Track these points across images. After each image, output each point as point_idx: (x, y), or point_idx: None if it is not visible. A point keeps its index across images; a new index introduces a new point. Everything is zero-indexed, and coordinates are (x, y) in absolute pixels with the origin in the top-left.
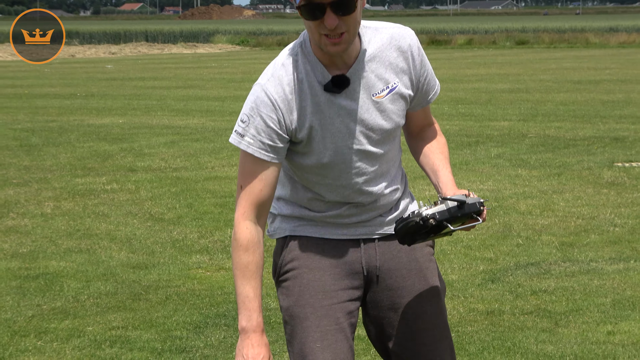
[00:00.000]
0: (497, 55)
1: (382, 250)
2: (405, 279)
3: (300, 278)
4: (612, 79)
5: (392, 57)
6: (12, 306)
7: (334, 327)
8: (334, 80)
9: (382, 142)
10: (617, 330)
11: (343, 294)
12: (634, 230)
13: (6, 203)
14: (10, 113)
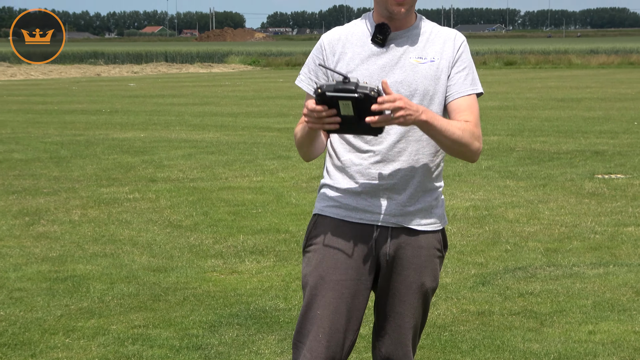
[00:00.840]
0: (487, 75)
1: (394, 239)
2: (404, 269)
3: (319, 252)
4: (592, 97)
5: (441, 42)
6: (43, 306)
7: (337, 300)
8: (377, 27)
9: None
10: (597, 329)
11: (353, 272)
12: (613, 237)
13: (37, 211)
14: (41, 127)
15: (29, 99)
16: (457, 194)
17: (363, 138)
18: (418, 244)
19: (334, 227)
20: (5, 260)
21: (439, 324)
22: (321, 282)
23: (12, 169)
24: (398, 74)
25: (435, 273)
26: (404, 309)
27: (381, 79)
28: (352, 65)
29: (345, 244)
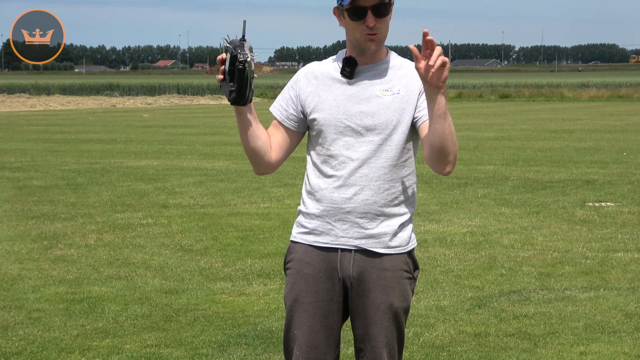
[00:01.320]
0: (483, 107)
1: (357, 263)
2: (371, 291)
3: (293, 277)
4: (583, 129)
5: (408, 76)
6: (60, 326)
7: (311, 320)
8: (345, 60)
9: (375, 131)
10: (588, 350)
11: (324, 294)
12: (603, 262)
13: (55, 235)
14: (59, 156)
15: (47, 128)
16: (454, 221)
17: (329, 163)
18: (382, 266)
19: (304, 253)
20: (24, 282)
21: (437, 345)
22: (295, 304)
23: (31, 195)
24: (363, 105)
25: (404, 293)
26: (376, 330)
27: (347, 109)
28: (322, 95)
29: (314, 268)
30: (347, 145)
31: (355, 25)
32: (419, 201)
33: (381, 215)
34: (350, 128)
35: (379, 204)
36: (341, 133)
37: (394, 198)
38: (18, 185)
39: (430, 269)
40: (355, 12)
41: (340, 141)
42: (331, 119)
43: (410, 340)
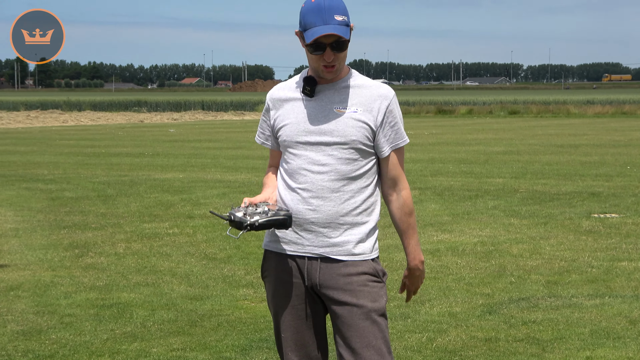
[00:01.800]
0: (493, 123)
1: (323, 270)
2: (342, 296)
3: (272, 283)
4: (589, 144)
5: (367, 96)
6: (90, 330)
7: (296, 321)
8: (305, 80)
9: (332, 146)
10: (594, 355)
11: (302, 296)
12: (608, 271)
13: (86, 244)
14: (90, 169)
15: (78, 142)
16: (466, 231)
17: (293, 177)
18: (347, 272)
19: (277, 260)
20: (57, 289)
21: (449, 349)
22: (279, 309)
23: (63, 206)
24: (322, 121)
25: (374, 295)
26: (352, 332)
27: (307, 126)
28: (286, 114)
29: (288, 274)
30: (308, 159)
31: (315, 57)
32: (432, 212)
33: (344, 225)
34: (309, 143)
35: (340, 213)
36: (302, 148)
37: (355, 207)
38: (51, 197)
39: (443, 277)
40: (315, 48)
41: (302, 156)
42: (293, 135)
43: (424, 345)
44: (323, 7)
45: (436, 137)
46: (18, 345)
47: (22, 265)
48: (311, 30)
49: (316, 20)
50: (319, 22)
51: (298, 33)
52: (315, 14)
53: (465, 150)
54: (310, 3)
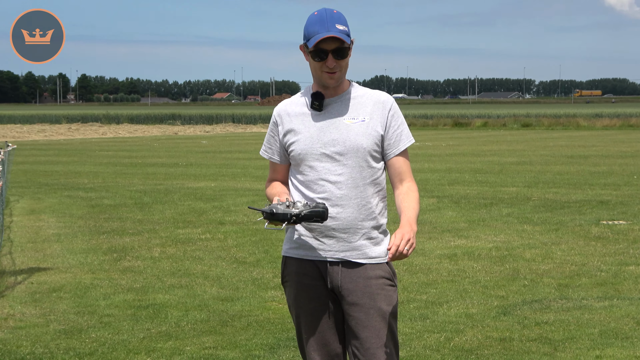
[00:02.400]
0: (507, 135)
1: (344, 274)
2: (360, 298)
3: (293, 287)
4: (597, 155)
5: (371, 104)
6: (128, 329)
7: (316, 322)
8: (313, 95)
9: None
10: (603, 355)
11: (323, 298)
12: (616, 275)
13: (124, 248)
14: (127, 178)
15: (117, 153)
16: (481, 237)
17: (311, 188)
18: (366, 275)
19: (298, 266)
20: (96, 290)
21: (466, 349)
22: (301, 311)
23: (102, 213)
24: (334, 133)
25: (389, 299)
26: (368, 333)
27: (320, 138)
28: (297, 129)
29: (311, 278)
30: (324, 170)
31: (317, 64)
32: (449, 219)
33: (362, 229)
34: (325, 155)
35: (358, 219)
36: (318, 160)
37: (372, 212)
38: (91, 204)
39: (460, 280)
40: (317, 54)
41: (318, 167)
42: (307, 148)
43: (442, 344)
44: (325, 18)
45: (453, 148)
46: (60, 344)
47: (64, 268)
48: (314, 37)
49: (318, 29)
50: (322, 30)
51: (302, 46)
52: (317, 23)
53: (481, 161)
54: (314, 16)
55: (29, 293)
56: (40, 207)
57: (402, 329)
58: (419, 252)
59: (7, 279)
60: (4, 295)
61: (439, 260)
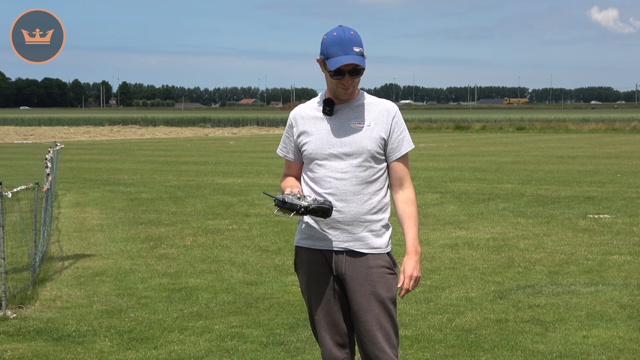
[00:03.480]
0: (503, 137)
1: (348, 262)
2: (361, 285)
3: (304, 274)
4: (585, 155)
5: (377, 112)
6: (163, 310)
7: (326, 305)
8: (325, 101)
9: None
10: (590, 335)
11: (331, 283)
12: (601, 263)
13: (159, 237)
14: (163, 174)
15: (153, 152)
16: (480, 229)
17: (319, 184)
18: (368, 264)
19: (308, 254)
20: (135, 275)
21: (466, 329)
22: (312, 295)
23: (140, 205)
24: (342, 136)
25: (388, 286)
26: (369, 316)
27: (329, 140)
28: (310, 131)
29: (318, 265)
30: (331, 168)
31: (335, 81)
32: (451, 213)
33: (364, 222)
34: (333, 154)
35: (361, 213)
36: (326, 159)
37: (373, 207)
38: (130, 198)
39: (460, 267)
40: (336, 73)
41: (326, 166)
42: (317, 149)
43: (444, 324)
44: (343, 40)
45: (454, 149)
46: (102, 322)
47: (106, 255)
48: (334, 60)
49: (338, 51)
50: (340, 52)
51: (320, 60)
52: (337, 45)
53: (479, 160)
54: (332, 36)
55: (74, 277)
56: (85, 200)
57: (408, 311)
58: (424, 242)
59: (55, 264)
60: (52, 279)
61: (441, 249)
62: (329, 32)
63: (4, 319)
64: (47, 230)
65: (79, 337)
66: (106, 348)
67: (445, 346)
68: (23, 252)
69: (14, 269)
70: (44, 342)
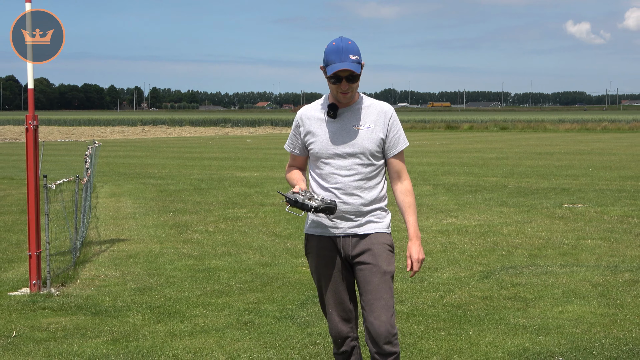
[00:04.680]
0: (488, 136)
1: (354, 243)
2: (366, 259)
3: (314, 258)
4: (561, 152)
5: (375, 114)
6: (188, 288)
7: (334, 285)
8: (329, 106)
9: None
10: (565, 310)
11: (338, 265)
12: (575, 247)
13: (185, 224)
14: (188, 169)
15: (180, 149)
16: (468, 216)
17: (326, 179)
18: (371, 242)
19: (318, 241)
20: (164, 257)
21: (455, 304)
22: (321, 276)
23: (168, 196)
24: (345, 137)
25: (388, 261)
26: (370, 287)
27: (334, 140)
28: (315, 132)
29: (327, 250)
30: (337, 166)
31: (334, 86)
32: (442, 202)
33: (367, 212)
34: (337, 154)
35: (364, 204)
36: (331, 158)
37: (374, 198)
38: (159, 189)
39: (451, 250)
40: (334, 79)
41: (332, 164)
42: (323, 148)
43: (437, 301)
44: (341, 49)
45: (445, 146)
46: (135, 299)
47: (138, 239)
48: (331, 66)
49: (335, 59)
50: (337, 60)
51: (322, 68)
52: (334, 53)
53: (468, 156)
54: (332, 45)
55: (110, 259)
56: (119, 192)
57: (404, 289)
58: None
59: (94, 248)
60: (91, 261)
61: (434, 235)
62: (330, 43)
63: (49, 296)
64: (86, 218)
65: (115, 311)
66: (138, 321)
67: (437, 320)
68: (65, 237)
69: (57, 252)
70: (84, 316)
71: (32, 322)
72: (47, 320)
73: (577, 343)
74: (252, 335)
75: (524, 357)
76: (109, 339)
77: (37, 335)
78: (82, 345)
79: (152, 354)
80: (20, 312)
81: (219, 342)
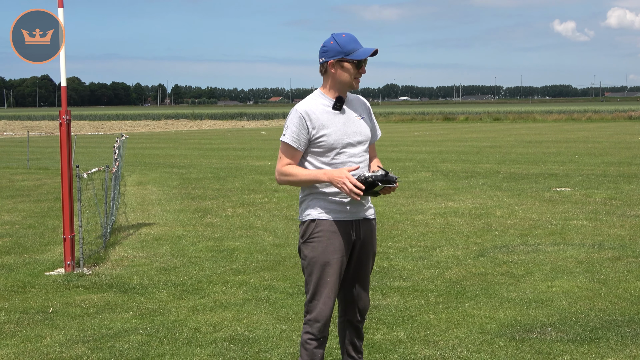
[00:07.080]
0: (483, 126)
1: (364, 227)
2: (367, 244)
3: (325, 241)
4: (549, 140)
5: (360, 105)
6: (209, 267)
7: (338, 270)
8: (338, 98)
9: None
10: (553, 285)
11: (343, 251)
12: (563, 227)
13: (206, 209)
14: (208, 158)
15: (200, 141)
16: (464, 200)
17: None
18: (371, 227)
19: (331, 225)
20: (186, 239)
21: (453, 280)
22: (330, 259)
23: (190, 183)
24: (352, 127)
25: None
26: (367, 269)
27: (344, 131)
28: (327, 124)
29: (341, 234)
30: (350, 154)
31: (352, 72)
32: (441, 187)
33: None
34: (349, 143)
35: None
36: (345, 147)
37: None
38: (182, 177)
39: (448, 231)
40: (361, 64)
41: (346, 152)
42: (338, 139)
43: (435, 277)
44: (353, 38)
45: (443, 136)
46: (160, 277)
47: (163, 223)
48: (360, 51)
49: (357, 46)
50: (359, 46)
51: (334, 62)
52: (353, 42)
53: (463, 145)
54: (342, 37)
55: (138, 241)
56: (145, 180)
57: (406, 267)
58: (418, 211)
59: (122, 232)
60: (120, 243)
61: (433, 217)
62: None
63: (82, 275)
64: (115, 204)
65: (142, 289)
66: (164, 298)
67: (436, 294)
68: (96, 222)
69: (89, 236)
70: (114, 293)
71: (66, 299)
72: (80, 297)
73: (565, 315)
74: (267, 309)
75: (516, 328)
76: (137, 314)
77: (72, 311)
78: (113, 319)
79: (177, 328)
80: (56, 290)
81: (237, 316)
